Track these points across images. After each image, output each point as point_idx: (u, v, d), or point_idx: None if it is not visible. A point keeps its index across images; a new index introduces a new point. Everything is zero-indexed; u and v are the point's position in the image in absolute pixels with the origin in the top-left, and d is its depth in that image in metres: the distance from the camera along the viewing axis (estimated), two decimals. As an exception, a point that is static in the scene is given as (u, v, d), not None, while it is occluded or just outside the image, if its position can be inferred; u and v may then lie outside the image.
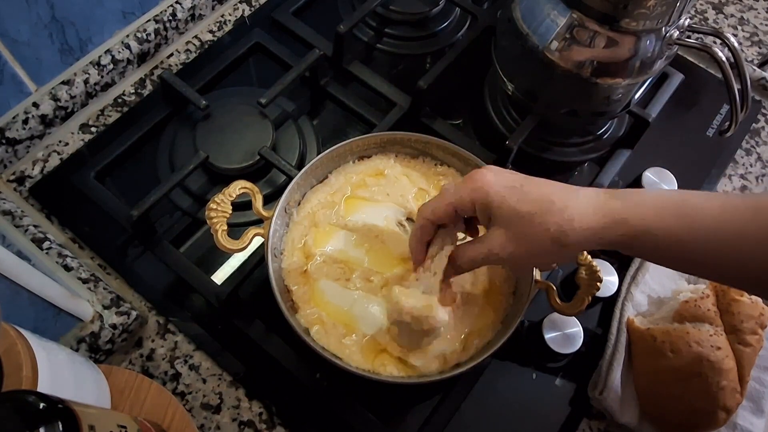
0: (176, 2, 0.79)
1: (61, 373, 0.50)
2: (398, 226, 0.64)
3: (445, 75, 0.77)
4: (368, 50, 0.86)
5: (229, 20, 0.86)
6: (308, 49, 0.78)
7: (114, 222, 0.68)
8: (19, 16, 0.64)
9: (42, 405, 0.38)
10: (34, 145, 0.72)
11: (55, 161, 0.73)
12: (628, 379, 0.64)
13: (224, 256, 0.68)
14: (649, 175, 0.75)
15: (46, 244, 0.65)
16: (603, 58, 0.62)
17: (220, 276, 0.67)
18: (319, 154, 0.64)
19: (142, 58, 0.79)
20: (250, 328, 0.64)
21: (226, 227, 0.59)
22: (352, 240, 0.63)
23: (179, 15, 0.80)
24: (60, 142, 0.74)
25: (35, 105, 0.70)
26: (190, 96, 0.73)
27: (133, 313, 0.63)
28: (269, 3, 0.88)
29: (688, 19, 0.63)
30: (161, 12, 0.78)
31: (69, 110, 0.74)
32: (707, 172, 0.79)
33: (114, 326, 0.61)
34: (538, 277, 0.58)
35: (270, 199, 0.70)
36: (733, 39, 0.60)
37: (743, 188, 0.80)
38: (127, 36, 0.76)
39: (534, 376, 0.65)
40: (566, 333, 0.64)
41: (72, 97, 0.73)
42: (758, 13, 0.94)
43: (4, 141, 0.69)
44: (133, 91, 0.79)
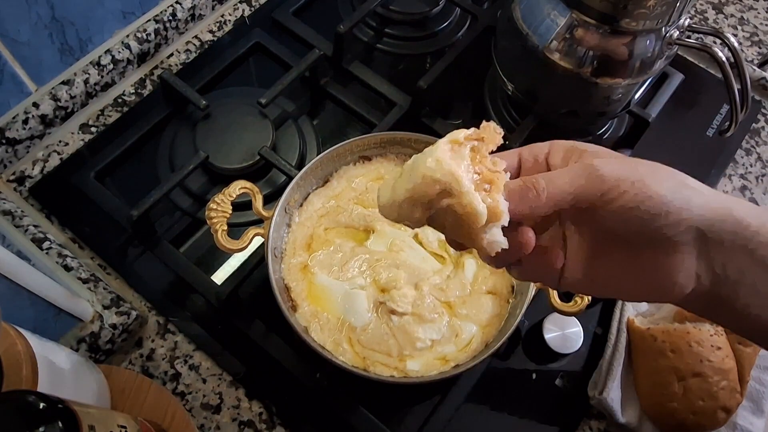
0: (176, 2, 0.79)
1: (61, 373, 0.50)
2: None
3: (445, 75, 0.77)
4: (368, 50, 0.86)
5: (229, 20, 0.86)
6: (308, 49, 0.78)
7: (114, 222, 0.68)
8: (19, 16, 0.64)
9: (42, 405, 0.38)
10: (34, 145, 0.72)
11: (55, 161, 0.73)
12: (628, 379, 0.64)
13: (224, 256, 0.69)
14: (649, 175, 0.75)
15: (46, 244, 0.65)
16: (603, 58, 0.62)
17: (220, 276, 0.67)
18: (319, 154, 0.64)
19: (142, 58, 0.79)
20: (250, 328, 0.64)
21: (226, 227, 0.59)
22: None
23: (179, 15, 0.80)
24: (60, 142, 0.74)
25: (35, 105, 0.70)
26: (190, 96, 0.73)
27: (133, 313, 0.63)
28: (269, 3, 0.88)
29: (688, 19, 0.63)
30: (161, 12, 0.78)
31: (69, 110, 0.74)
32: (707, 172, 0.79)
33: (114, 326, 0.61)
34: (538, 277, 0.58)
35: (270, 199, 0.70)
36: (733, 39, 0.60)
37: (743, 188, 0.80)
38: (127, 36, 0.76)
39: (534, 376, 0.65)
40: (566, 333, 0.64)
41: (72, 97, 0.73)
42: (758, 13, 0.94)
43: (4, 141, 0.69)
44: (133, 91, 0.79)
